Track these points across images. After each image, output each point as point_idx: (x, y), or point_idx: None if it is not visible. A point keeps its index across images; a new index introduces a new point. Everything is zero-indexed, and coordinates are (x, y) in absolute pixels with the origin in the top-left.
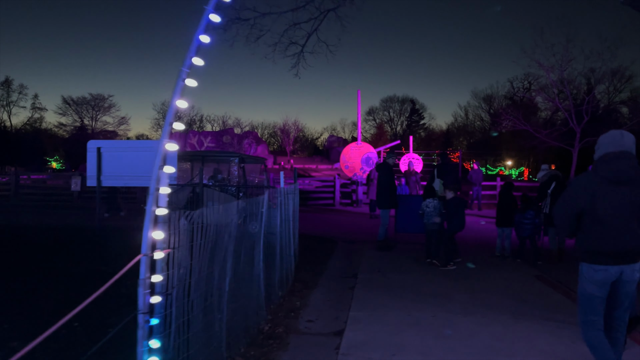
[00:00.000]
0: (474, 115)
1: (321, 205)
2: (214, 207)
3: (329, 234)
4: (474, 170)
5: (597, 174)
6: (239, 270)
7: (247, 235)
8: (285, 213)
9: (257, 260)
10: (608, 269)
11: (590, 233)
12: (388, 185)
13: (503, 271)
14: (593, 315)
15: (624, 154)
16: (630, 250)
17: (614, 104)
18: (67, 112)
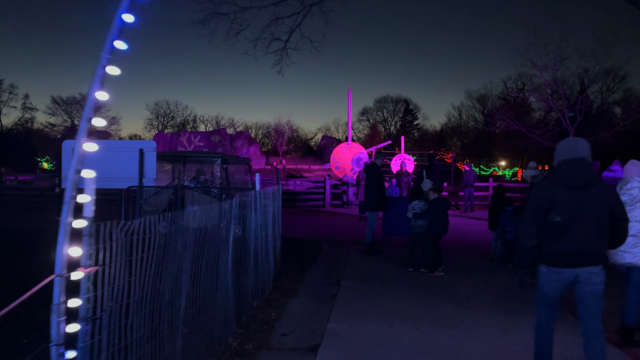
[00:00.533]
0: (467, 116)
1: (311, 206)
2: (166, 214)
3: (316, 237)
4: (467, 172)
5: (555, 179)
6: (200, 283)
7: (212, 243)
8: (263, 217)
9: (224, 270)
10: (562, 271)
11: (548, 236)
12: (376, 186)
13: (493, 277)
14: (545, 311)
15: (578, 160)
16: (585, 254)
17: (607, 104)
18: (57, 112)
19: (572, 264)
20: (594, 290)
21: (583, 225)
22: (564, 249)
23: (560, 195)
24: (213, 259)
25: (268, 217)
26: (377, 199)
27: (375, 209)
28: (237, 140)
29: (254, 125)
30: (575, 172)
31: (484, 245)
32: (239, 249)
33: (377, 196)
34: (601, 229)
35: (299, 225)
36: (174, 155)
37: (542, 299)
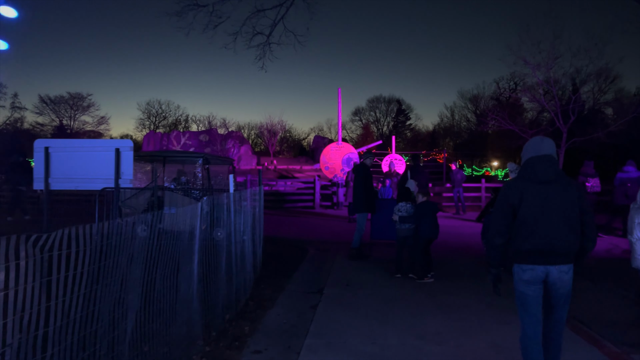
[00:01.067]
0: (460, 116)
1: (300, 207)
2: (103, 224)
3: (302, 240)
4: (454, 171)
5: (522, 176)
6: (155, 299)
7: (171, 252)
8: (240, 221)
9: (187, 282)
10: (535, 268)
11: (518, 233)
12: (364, 187)
13: (486, 284)
14: (527, 316)
15: (544, 157)
16: (554, 250)
17: (598, 105)
18: (45, 112)
19: (544, 261)
20: (564, 289)
21: (551, 221)
22: (534, 246)
23: (528, 191)
24: (173, 270)
25: (246, 221)
26: (365, 201)
27: (364, 210)
28: (228, 140)
29: (247, 125)
30: (541, 169)
31: (475, 248)
32: (209, 256)
33: (365, 198)
34: (570, 225)
35: (286, 227)
36: (153, 155)
37: (522, 303)
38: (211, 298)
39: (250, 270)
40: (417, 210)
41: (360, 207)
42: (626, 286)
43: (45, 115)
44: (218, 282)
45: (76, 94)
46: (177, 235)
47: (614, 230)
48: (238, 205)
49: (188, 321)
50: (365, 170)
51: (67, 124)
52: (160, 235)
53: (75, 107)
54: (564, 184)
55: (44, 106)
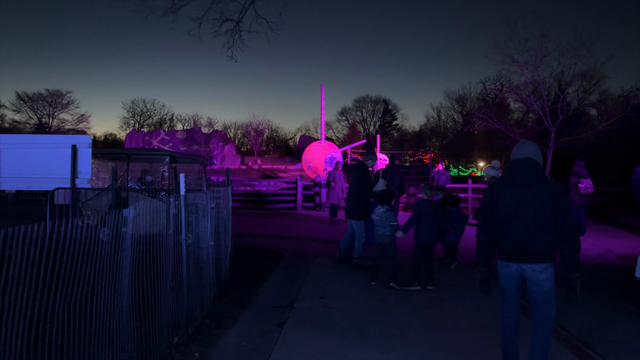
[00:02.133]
0: (446, 116)
1: (281, 208)
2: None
3: (278, 245)
4: (439, 172)
5: (502, 180)
6: (54, 329)
7: (78, 272)
8: (198, 226)
9: (110, 308)
10: (509, 265)
11: (497, 233)
12: (361, 191)
13: (474, 296)
14: (505, 305)
15: (521, 161)
16: (525, 251)
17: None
18: (22, 109)
19: (517, 259)
20: (540, 289)
21: (523, 222)
22: (505, 245)
23: (504, 194)
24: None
25: (206, 227)
26: (362, 207)
27: (360, 218)
28: (211, 140)
29: (233, 124)
30: (516, 172)
31: (465, 255)
32: (149, 269)
33: (363, 203)
34: (542, 226)
35: (263, 229)
36: (116, 153)
37: (501, 293)
38: (151, 320)
39: (211, 282)
40: (416, 209)
41: (356, 214)
42: (627, 297)
43: (23, 112)
44: (163, 298)
45: (55, 91)
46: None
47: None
48: (192, 208)
49: (112, 354)
50: (364, 172)
51: (46, 122)
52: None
53: (54, 104)
54: (539, 186)
55: (22, 103)
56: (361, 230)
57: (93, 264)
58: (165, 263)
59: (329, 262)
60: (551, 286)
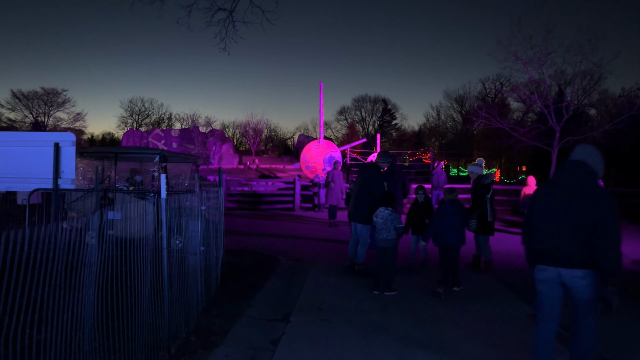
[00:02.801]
0: (446, 116)
1: (279, 209)
2: None
3: (274, 248)
4: (437, 172)
5: (549, 179)
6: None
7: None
8: (187, 232)
9: (67, 334)
10: (547, 269)
11: (532, 232)
12: (370, 194)
13: (485, 308)
14: (540, 312)
15: (573, 162)
16: (560, 253)
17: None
18: (17, 108)
19: (553, 262)
20: (579, 293)
21: (557, 224)
22: (538, 245)
23: (544, 193)
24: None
25: (196, 229)
26: (371, 211)
27: (368, 221)
28: (209, 139)
29: (231, 124)
30: (561, 172)
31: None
32: (127, 277)
33: (372, 207)
34: (576, 231)
35: (259, 232)
36: (103, 151)
37: (539, 300)
38: (125, 339)
39: (200, 292)
40: (439, 210)
41: (363, 218)
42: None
43: (18, 111)
44: (138, 315)
45: (51, 89)
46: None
47: None
48: (179, 211)
49: None
50: (375, 172)
51: (42, 121)
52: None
53: (50, 103)
54: (580, 190)
55: (17, 102)
56: (367, 235)
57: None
58: (143, 272)
59: (328, 268)
60: (592, 293)
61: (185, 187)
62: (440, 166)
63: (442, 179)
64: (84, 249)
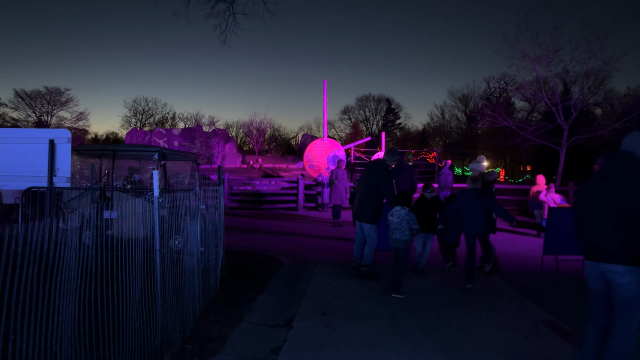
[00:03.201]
0: (450, 115)
1: (282, 209)
2: None
3: (276, 249)
4: (445, 172)
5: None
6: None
7: None
8: (185, 233)
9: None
10: (589, 264)
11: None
12: (378, 192)
13: (498, 313)
14: (591, 309)
15: (619, 153)
16: (597, 248)
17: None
18: (20, 107)
19: (593, 257)
20: (619, 293)
21: (597, 217)
22: (580, 239)
23: (586, 186)
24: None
25: (195, 229)
26: (378, 209)
27: (375, 221)
28: (212, 138)
29: (235, 123)
30: (606, 163)
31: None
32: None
33: (379, 205)
34: (618, 224)
35: (262, 232)
36: (100, 149)
37: (589, 293)
38: (111, 353)
39: (197, 296)
40: (459, 200)
41: (371, 217)
42: None
43: (21, 110)
44: (128, 321)
45: (54, 88)
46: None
47: None
48: (171, 211)
49: None
50: (383, 170)
51: (45, 120)
52: None
53: (53, 102)
54: (626, 181)
55: (20, 101)
56: (375, 236)
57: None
58: (132, 275)
59: (332, 270)
60: (635, 294)
61: (186, 186)
62: (447, 166)
63: (449, 179)
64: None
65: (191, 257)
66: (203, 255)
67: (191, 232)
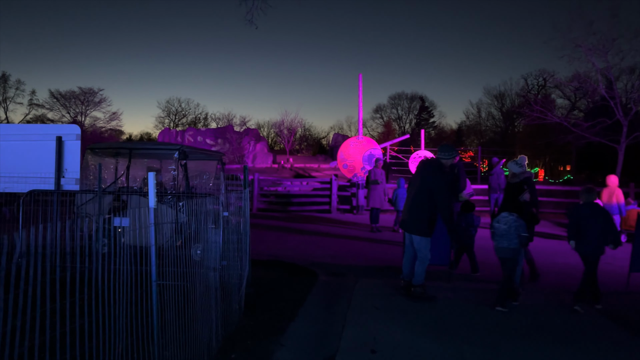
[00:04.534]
0: (486, 113)
1: (314, 211)
2: None
3: (310, 258)
4: (496, 172)
5: None
6: None
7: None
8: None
9: None
10: None
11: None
12: (430, 196)
13: (593, 350)
14: None
15: None
16: None
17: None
18: (55, 107)
19: None
20: None
21: None
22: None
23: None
24: None
25: (217, 239)
26: (432, 218)
27: (428, 233)
28: (243, 138)
29: (266, 123)
30: None
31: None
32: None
33: (433, 215)
34: None
35: (292, 239)
36: (116, 147)
37: None
38: None
39: (214, 327)
40: (580, 214)
41: (423, 228)
42: None
43: (56, 110)
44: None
45: (87, 89)
46: None
47: None
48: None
49: None
50: (437, 170)
51: (80, 120)
52: None
53: (87, 102)
54: None
55: (54, 101)
56: (427, 250)
57: None
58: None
59: (376, 287)
60: None
61: (210, 188)
62: (500, 164)
63: (502, 179)
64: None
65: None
66: (224, 270)
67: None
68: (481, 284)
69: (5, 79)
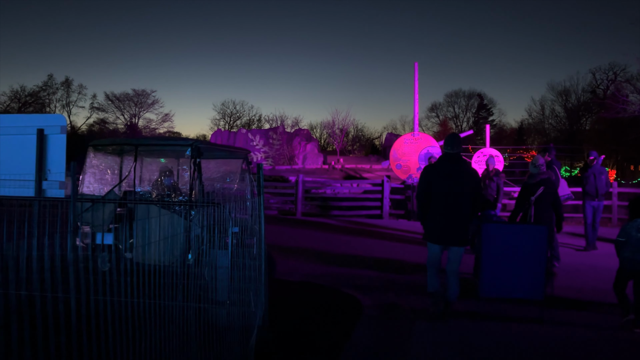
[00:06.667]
0: (550, 111)
1: (364, 216)
2: None
3: (352, 281)
4: (594, 172)
5: None
6: None
7: None
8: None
9: None
10: None
11: None
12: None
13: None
14: None
15: None
16: None
17: None
18: (109, 109)
19: None
20: None
21: None
22: None
23: None
24: None
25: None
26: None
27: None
28: (294, 138)
29: (319, 124)
30: None
31: None
32: None
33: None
34: None
35: (332, 251)
36: (120, 143)
37: None
38: None
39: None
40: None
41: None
42: None
43: (111, 112)
44: None
45: (141, 90)
46: None
47: None
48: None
49: None
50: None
51: (133, 122)
52: None
53: (140, 104)
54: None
55: (109, 104)
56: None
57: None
58: None
59: (440, 324)
60: None
61: (233, 192)
62: (599, 162)
63: (603, 181)
64: None
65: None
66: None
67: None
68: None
69: (68, 83)
